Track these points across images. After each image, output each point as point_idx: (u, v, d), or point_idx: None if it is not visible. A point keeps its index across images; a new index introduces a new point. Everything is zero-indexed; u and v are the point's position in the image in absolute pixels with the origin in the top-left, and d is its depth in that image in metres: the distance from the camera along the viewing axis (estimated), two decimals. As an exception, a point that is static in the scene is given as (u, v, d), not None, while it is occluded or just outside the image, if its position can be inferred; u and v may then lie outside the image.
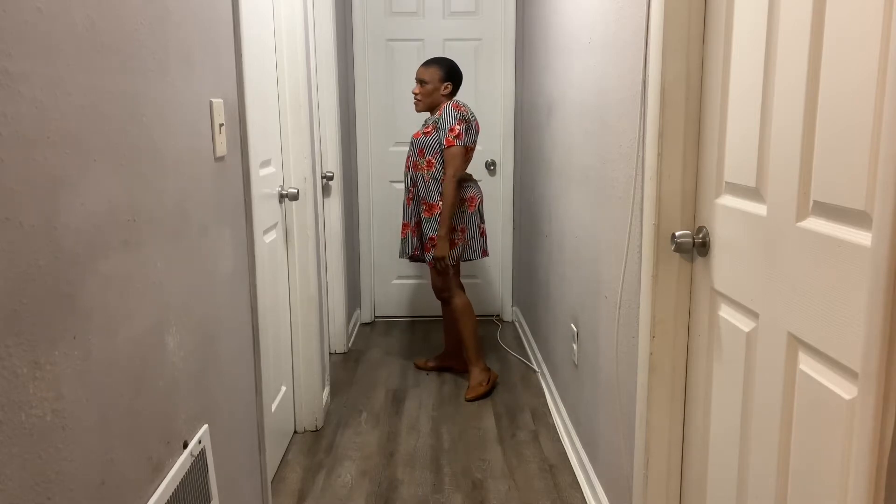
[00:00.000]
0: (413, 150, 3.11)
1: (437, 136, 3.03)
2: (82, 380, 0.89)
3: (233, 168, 1.55)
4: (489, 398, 3.09)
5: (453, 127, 2.99)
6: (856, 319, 0.97)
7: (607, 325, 2.05)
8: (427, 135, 3.05)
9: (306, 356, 2.71)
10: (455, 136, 2.98)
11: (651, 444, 1.62)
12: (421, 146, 3.06)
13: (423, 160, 3.06)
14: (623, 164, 1.84)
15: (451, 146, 2.98)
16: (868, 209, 0.94)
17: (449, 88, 3.08)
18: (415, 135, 3.11)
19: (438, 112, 3.07)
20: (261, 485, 1.77)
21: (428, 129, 3.06)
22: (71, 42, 0.87)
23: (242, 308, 1.62)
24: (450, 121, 3.00)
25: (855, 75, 0.96)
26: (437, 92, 3.07)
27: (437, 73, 3.07)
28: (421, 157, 3.07)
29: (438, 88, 3.07)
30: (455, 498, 2.28)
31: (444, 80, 3.07)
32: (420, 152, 3.07)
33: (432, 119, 3.08)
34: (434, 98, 3.09)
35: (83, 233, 0.89)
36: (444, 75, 3.07)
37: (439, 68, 3.07)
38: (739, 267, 1.32)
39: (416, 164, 3.09)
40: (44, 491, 0.80)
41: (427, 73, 3.07)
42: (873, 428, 0.81)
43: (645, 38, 1.61)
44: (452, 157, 2.98)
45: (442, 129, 3.01)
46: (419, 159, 3.08)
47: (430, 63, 3.09)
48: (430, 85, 3.07)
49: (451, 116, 3.01)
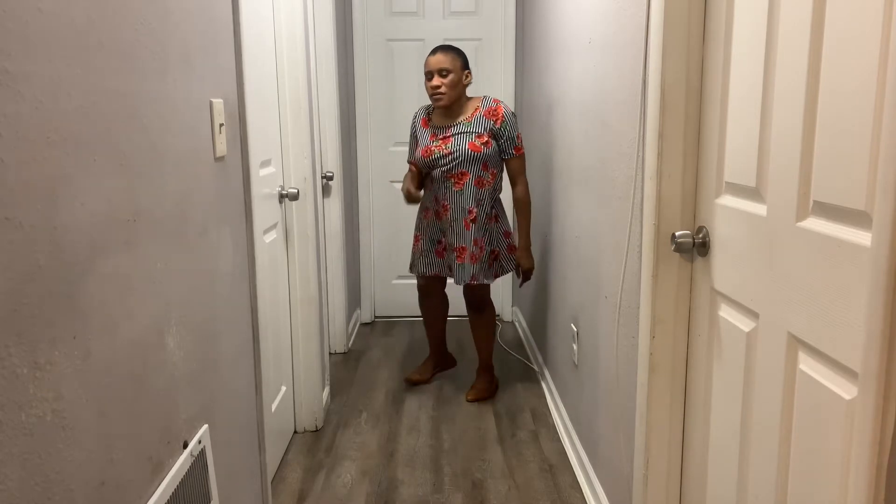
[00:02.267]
0: (470, 165, 2.74)
1: (497, 145, 2.76)
2: (82, 380, 0.89)
3: (233, 168, 1.55)
4: (488, 400, 3.09)
5: (519, 134, 2.78)
6: (856, 319, 0.96)
7: (607, 325, 2.05)
8: (487, 146, 2.73)
9: (306, 356, 2.71)
10: (521, 143, 2.79)
11: (651, 444, 1.62)
12: (485, 160, 2.74)
13: (488, 174, 2.77)
14: (623, 164, 1.84)
15: (522, 153, 2.80)
16: (868, 209, 0.94)
17: (470, 78, 2.79)
18: (470, 146, 2.73)
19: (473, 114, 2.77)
20: (261, 485, 1.77)
21: (484, 139, 2.74)
22: (71, 42, 0.87)
23: (242, 308, 1.62)
24: (515, 127, 2.76)
25: (855, 75, 0.96)
26: (461, 83, 2.76)
27: (457, 60, 2.74)
28: (486, 171, 2.76)
29: (461, 78, 2.75)
30: (455, 498, 2.28)
31: (465, 68, 2.77)
32: (484, 166, 2.75)
33: (481, 127, 2.75)
34: (460, 89, 2.76)
35: (83, 233, 0.89)
36: (464, 62, 2.76)
37: (458, 55, 2.75)
38: (739, 267, 1.32)
39: (480, 181, 2.75)
40: (44, 491, 0.80)
41: (449, 60, 2.71)
42: (873, 428, 0.81)
43: (645, 39, 1.61)
44: (524, 163, 2.82)
45: (507, 137, 2.75)
46: (483, 174, 2.75)
47: (447, 49, 2.74)
48: (454, 75, 2.72)
49: (514, 123, 2.77)
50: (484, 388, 3.08)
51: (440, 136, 2.79)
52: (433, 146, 2.78)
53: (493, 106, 2.77)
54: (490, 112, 2.76)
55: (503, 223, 2.90)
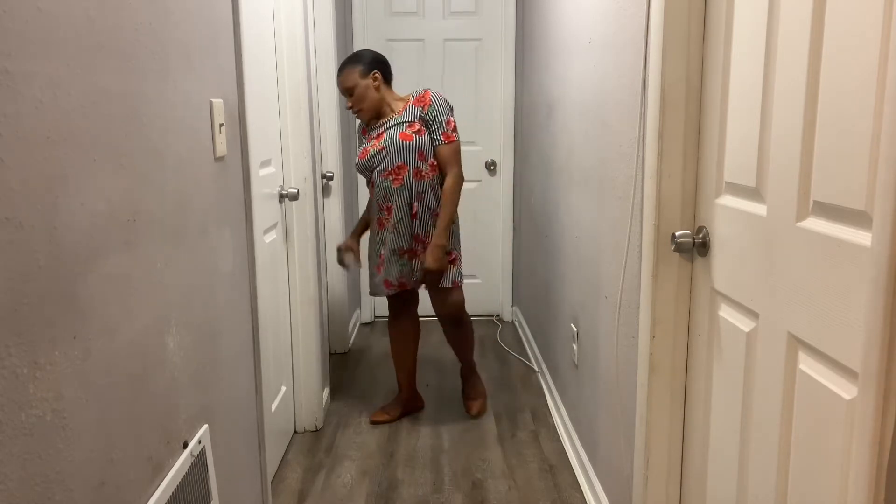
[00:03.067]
0: (405, 156, 2.58)
1: (430, 132, 2.61)
2: (82, 380, 0.89)
3: (233, 168, 1.55)
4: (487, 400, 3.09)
5: (450, 119, 2.61)
6: (856, 319, 0.96)
7: (607, 325, 2.05)
8: (420, 134, 2.59)
9: (306, 356, 2.71)
10: (453, 130, 2.61)
11: (651, 444, 1.62)
12: (420, 149, 2.58)
13: (426, 164, 2.60)
14: (623, 164, 1.84)
15: (453, 141, 2.61)
16: (868, 209, 0.94)
17: (378, 76, 2.61)
18: (401, 136, 2.58)
19: (404, 107, 2.63)
20: (261, 485, 1.77)
21: (415, 127, 2.59)
22: (71, 42, 0.87)
23: (242, 308, 1.62)
24: (444, 112, 2.60)
25: (855, 75, 0.96)
26: (370, 89, 2.59)
27: (354, 71, 2.58)
28: (422, 160, 2.59)
29: (369, 85, 2.59)
30: (455, 498, 2.28)
31: (367, 73, 2.59)
32: (420, 156, 2.59)
33: (411, 116, 2.61)
34: (371, 97, 2.60)
35: (83, 233, 0.89)
36: (363, 69, 2.58)
37: (355, 65, 2.59)
38: (739, 267, 1.32)
39: (418, 172, 2.59)
40: (44, 491, 0.80)
41: (347, 79, 2.59)
42: (873, 428, 0.81)
43: (645, 39, 1.61)
44: (455, 152, 2.61)
45: (436, 122, 2.59)
46: (421, 164, 2.59)
47: (345, 65, 2.61)
48: (358, 87, 2.58)
49: (444, 107, 2.61)
50: (481, 391, 2.98)
51: (374, 135, 2.67)
52: (368, 146, 2.65)
53: (421, 93, 2.63)
54: (419, 100, 2.62)
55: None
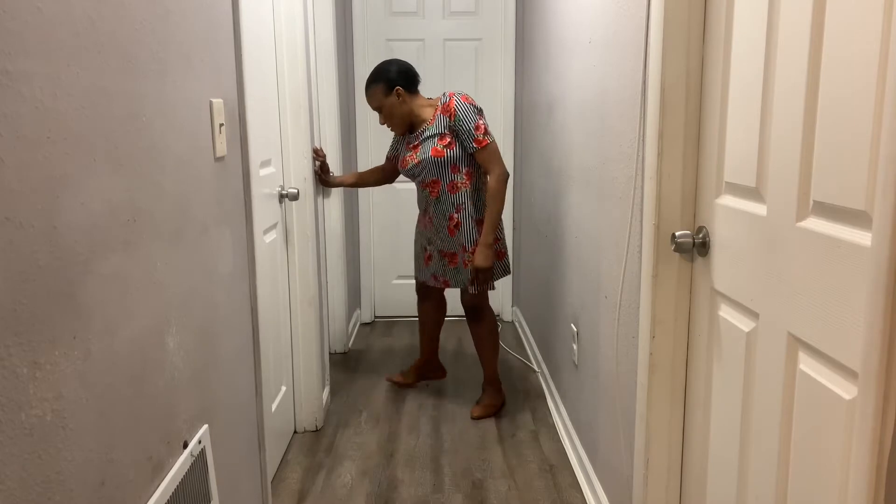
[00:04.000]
0: (439, 171, 2.66)
1: (461, 141, 2.63)
2: (82, 380, 0.89)
3: (233, 168, 1.55)
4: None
5: (479, 124, 2.60)
6: (856, 319, 0.97)
7: (607, 325, 2.05)
8: (451, 147, 2.63)
9: (306, 356, 2.71)
10: (484, 133, 2.60)
11: (651, 444, 1.62)
12: (453, 163, 2.64)
13: (461, 175, 2.66)
14: (623, 164, 1.84)
15: (486, 144, 2.60)
16: (868, 209, 0.94)
17: (401, 90, 2.67)
18: (433, 152, 2.64)
19: (434, 114, 2.67)
20: (261, 485, 1.77)
21: (446, 141, 2.64)
22: (71, 42, 0.87)
23: (242, 308, 1.62)
24: (470, 118, 2.59)
25: (855, 75, 0.96)
26: (398, 105, 2.68)
27: (378, 91, 2.69)
28: (456, 173, 2.65)
29: (394, 102, 2.68)
30: (455, 498, 2.28)
31: (390, 89, 2.68)
32: (454, 169, 2.65)
33: (441, 126, 2.65)
34: (401, 112, 2.70)
35: (83, 233, 0.89)
36: (385, 86, 2.68)
37: (377, 84, 2.69)
38: (739, 267, 1.32)
39: (452, 185, 2.65)
40: (44, 491, 0.80)
41: (373, 99, 2.71)
42: (873, 428, 0.81)
43: (645, 38, 1.61)
44: (492, 153, 2.60)
45: (465, 131, 2.60)
46: (455, 176, 2.65)
47: (367, 87, 2.72)
48: (385, 106, 2.70)
49: (469, 112, 2.60)
50: (490, 403, 2.91)
51: (412, 144, 2.74)
52: (407, 156, 2.74)
53: (446, 101, 2.64)
54: (445, 108, 2.64)
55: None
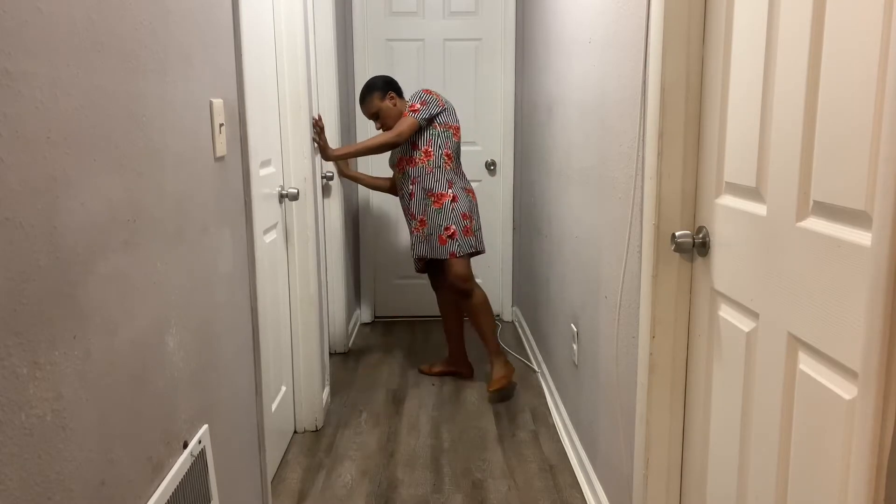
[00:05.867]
0: (403, 149, 3.07)
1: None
2: (82, 380, 0.89)
3: (233, 168, 1.55)
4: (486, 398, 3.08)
5: (413, 104, 2.99)
6: (856, 319, 0.97)
7: (607, 325, 2.05)
8: None
9: (306, 356, 2.71)
10: (413, 111, 2.97)
11: (651, 444, 1.62)
12: (413, 140, 3.04)
13: (420, 152, 3.03)
14: (623, 164, 1.84)
15: (407, 116, 2.97)
16: (868, 209, 0.94)
17: (394, 96, 3.07)
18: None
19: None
20: (261, 485, 1.77)
21: None
22: (71, 42, 0.87)
23: (242, 308, 1.62)
24: (414, 98, 3.01)
25: (855, 75, 0.96)
26: (392, 108, 3.06)
27: (373, 98, 3.05)
28: (416, 149, 3.03)
29: (389, 105, 3.06)
30: (455, 498, 2.28)
31: (384, 95, 3.06)
32: (413, 146, 3.04)
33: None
34: (393, 114, 3.06)
35: (83, 233, 0.89)
36: (380, 93, 3.05)
37: (372, 92, 3.05)
38: (739, 267, 1.32)
39: (411, 160, 3.05)
40: (44, 491, 0.80)
41: (371, 105, 3.06)
42: (873, 428, 0.81)
43: (645, 38, 1.61)
44: (405, 122, 2.96)
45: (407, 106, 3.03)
46: (414, 153, 3.04)
47: (362, 96, 3.08)
48: (382, 109, 3.06)
49: (416, 95, 3.01)
50: (503, 374, 3.01)
51: None
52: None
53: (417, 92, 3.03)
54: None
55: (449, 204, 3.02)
